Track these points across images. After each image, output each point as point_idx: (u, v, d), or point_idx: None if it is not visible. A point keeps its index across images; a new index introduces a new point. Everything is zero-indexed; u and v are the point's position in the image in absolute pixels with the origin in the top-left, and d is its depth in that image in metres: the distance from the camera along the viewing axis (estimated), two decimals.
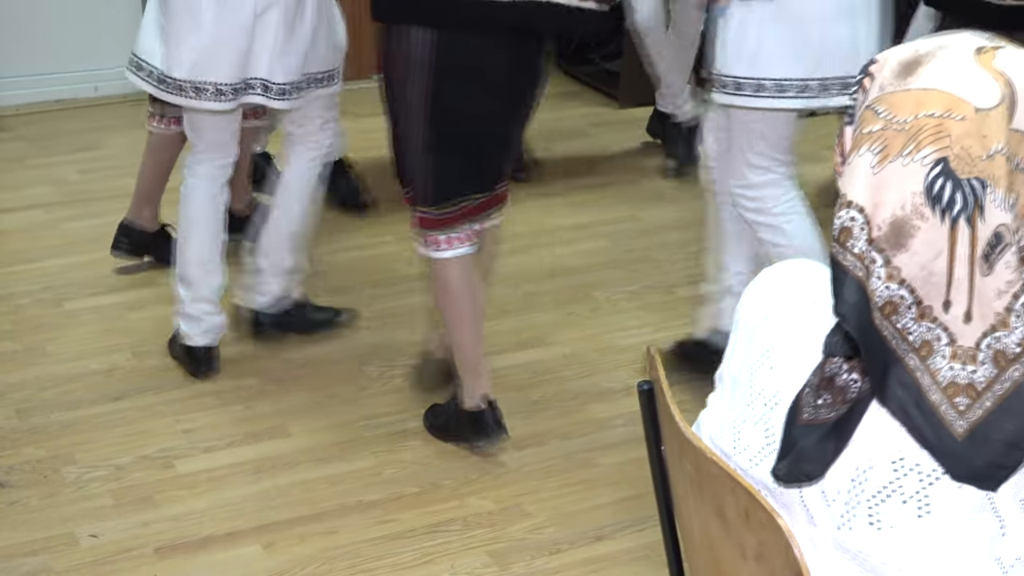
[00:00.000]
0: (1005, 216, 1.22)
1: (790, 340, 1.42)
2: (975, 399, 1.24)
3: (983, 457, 1.23)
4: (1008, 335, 1.23)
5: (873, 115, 1.28)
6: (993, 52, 1.26)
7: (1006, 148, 1.22)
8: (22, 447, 3.25)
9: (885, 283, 1.26)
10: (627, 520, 3.00)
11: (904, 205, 1.24)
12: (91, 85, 5.83)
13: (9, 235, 4.50)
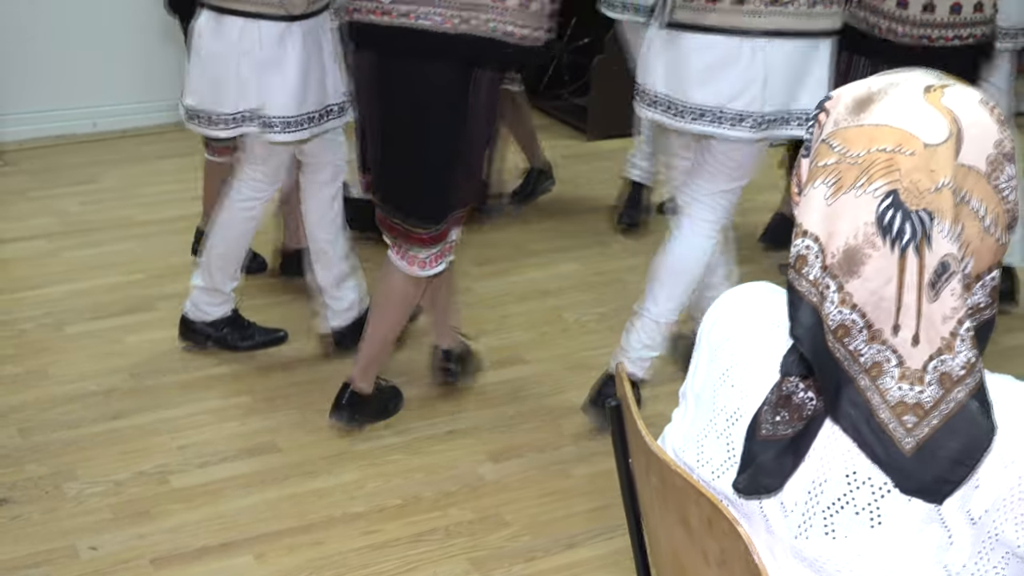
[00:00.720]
0: (951, 246, 1.23)
1: (750, 360, 1.42)
2: (922, 418, 1.24)
3: (929, 472, 1.23)
4: (953, 358, 1.23)
5: (828, 149, 1.28)
6: (941, 90, 1.27)
7: (952, 182, 1.23)
8: (25, 464, 3.23)
9: (838, 308, 1.26)
10: (598, 528, 3.00)
11: (856, 234, 1.24)
12: (90, 121, 5.82)
13: (13, 263, 4.48)
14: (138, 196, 5.09)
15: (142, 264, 4.42)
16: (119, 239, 4.66)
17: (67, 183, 5.24)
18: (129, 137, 5.80)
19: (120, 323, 4.02)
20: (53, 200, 5.05)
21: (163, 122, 5.92)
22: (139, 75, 5.85)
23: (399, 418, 3.48)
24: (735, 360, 1.44)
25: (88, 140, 5.76)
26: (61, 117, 5.76)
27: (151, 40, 5.81)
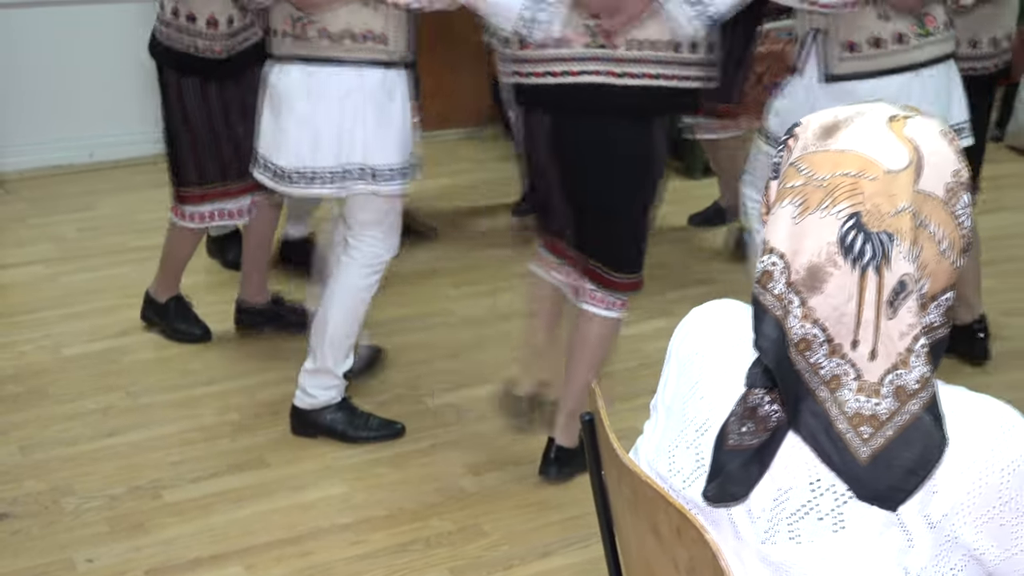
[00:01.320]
0: (909, 267, 1.24)
1: (718, 373, 1.42)
2: (878, 429, 1.24)
3: (884, 481, 1.24)
4: (908, 373, 1.24)
5: (796, 172, 1.29)
6: (904, 120, 1.28)
7: (912, 206, 1.24)
8: (24, 480, 3.21)
9: (801, 322, 1.27)
10: (573, 537, 2.99)
11: (820, 253, 1.25)
12: (87, 152, 5.80)
13: (12, 288, 4.47)
14: (133, 223, 5.07)
15: (137, 288, 4.38)
16: (115, 264, 4.64)
17: (65, 211, 5.22)
18: (124, 167, 5.78)
19: (116, 344, 4.00)
20: (51, 227, 5.04)
21: (157, 152, 5.85)
22: (134, 107, 5.83)
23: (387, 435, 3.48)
24: (704, 373, 1.44)
25: (85, 170, 5.75)
26: (59, 148, 5.74)
27: (146, 74, 5.79)
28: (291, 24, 3.13)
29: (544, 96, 2.99)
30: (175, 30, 3.68)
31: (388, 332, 4.01)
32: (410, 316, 4.19)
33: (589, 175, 3.03)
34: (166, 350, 3.93)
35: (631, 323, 4.14)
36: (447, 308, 4.34)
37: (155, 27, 3.78)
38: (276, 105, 3.21)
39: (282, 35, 3.17)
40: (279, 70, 3.20)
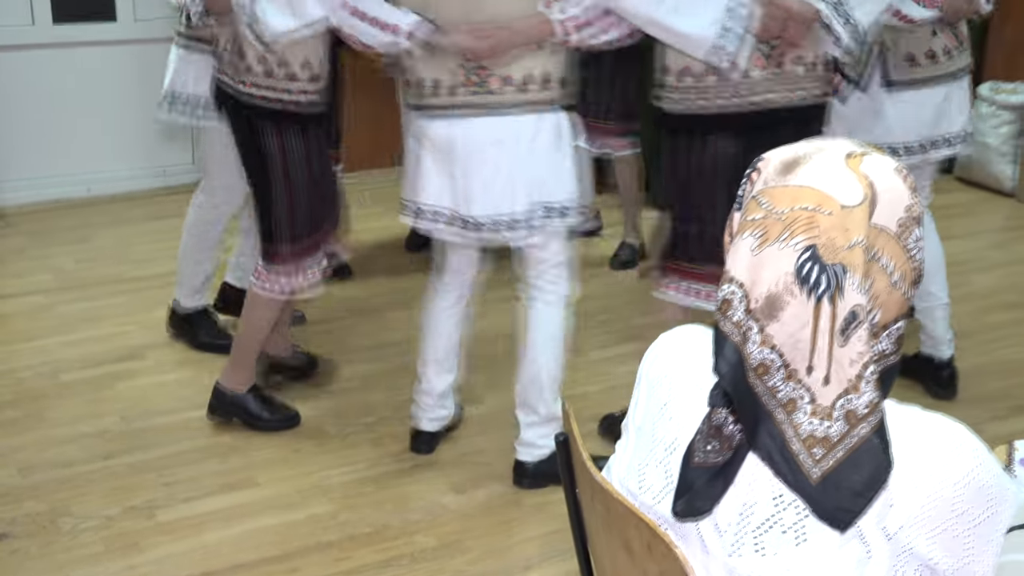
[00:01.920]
0: (861, 298, 1.25)
1: (685, 394, 1.42)
2: (829, 450, 1.25)
3: (833, 502, 1.25)
4: (858, 398, 1.25)
5: (757, 205, 1.30)
6: (861, 158, 1.29)
7: (865, 240, 1.25)
8: (23, 502, 3.18)
9: (759, 347, 1.27)
10: (550, 552, 2.98)
11: (778, 283, 1.26)
12: (84, 187, 5.80)
13: (12, 317, 4.44)
14: (128, 255, 5.06)
15: (132, 317, 4.40)
16: (110, 294, 4.63)
17: (63, 243, 5.21)
18: (120, 201, 5.78)
19: (111, 370, 3.98)
20: (49, 259, 5.02)
21: (152, 187, 5.92)
22: (130, 144, 5.85)
23: (369, 453, 3.46)
24: (672, 395, 1.44)
25: (82, 204, 5.74)
26: (57, 183, 5.74)
27: (141, 112, 5.80)
28: (464, 75, 3.01)
29: (733, 120, 3.04)
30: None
31: (374, 358, 4.01)
32: (395, 342, 4.18)
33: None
34: (159, 376, 3.91)
35: (603, 347, 4.18)
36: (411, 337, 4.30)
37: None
38: (455, 157, 3.06)
39: (449, 88, 3.04)
40: (449, 123, 3.06)
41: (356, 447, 3.51)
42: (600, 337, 4.28)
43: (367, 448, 3.50)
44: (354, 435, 3.58)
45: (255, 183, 3.40)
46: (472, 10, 2.95)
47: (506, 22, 2.94)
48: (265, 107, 3.24)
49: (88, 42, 5.68)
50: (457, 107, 3.04)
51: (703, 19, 2.88)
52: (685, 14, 2.88)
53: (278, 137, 3.28)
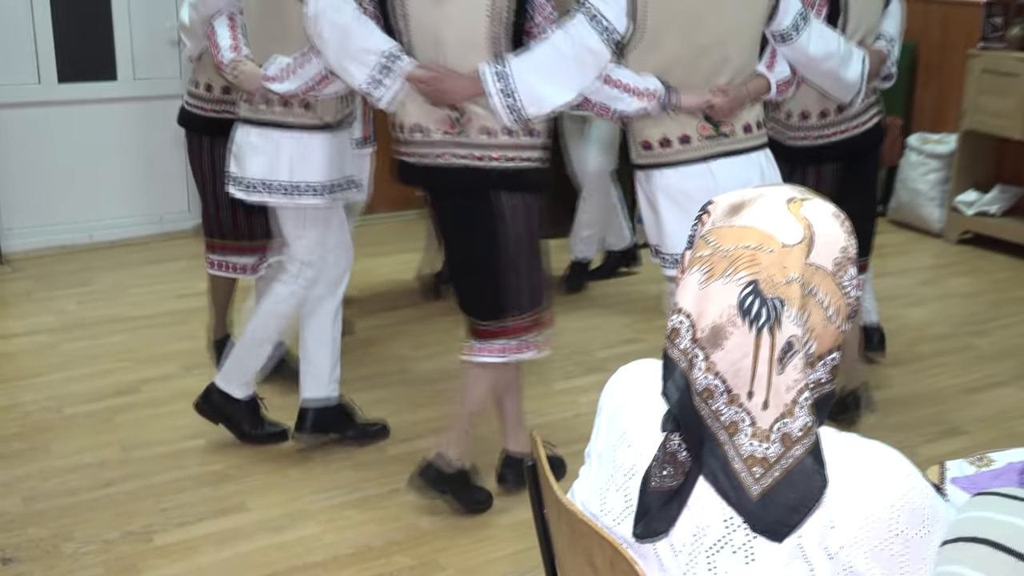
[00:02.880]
0: (797, 329, 1.25)
1: (642, 424, 1.42)
2: (767, 470, 1.26)
3: (771, 516, 1.25)
4: (794, 422, 1.25)
5: (704, 243, 1.31)
6: (801, 202, 1.31)
7: (802, 277, 1.26)
8: (28, 528, 3.14)
9: (704, 374, 1.28)
10: (520, 569, 2.97)
11: (722, 314, 1.26)
12: (86, 233, 5.78)
13: (18, 355, 4.40)
14: (127, 296, 5.04)
15: (130, 354, 4.37)
16: (111, 333, 4.60)
17: (66, 286, 5.18)
18: (120, 246, 5.76)
19: (111, 404, 3.95)
20: (53, 301, 4.99)
21: (149, 233, 5.91)
22: (128, 193, 5.84)
23: (351, 479, 3.44)
24: (630, 424, 1.44)
25: (84, 249, 5.71)
26: (61, 230, 5.72)
27: (139, 163, 5.81)
28: (708, 127, 2.99)
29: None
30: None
31: (355, 389, 3.98)
32: (373, 375, 4.17)
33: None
34: (156, 408, 3.88)
35: (568, 378, 4.19)
36: (406, 367, 4.32)
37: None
38: (682, 204, 2.98)
39: (689, 140, 3.00)
40: (686, 172, 3.00)
41: (339, 473, 3.49)
42: (566, 368, 4.29)
43: (349, 474, 3.48)
44: (337, 462, 3.55)
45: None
46: (715, 77, 2.96)
47: (740, 81, 3.02)
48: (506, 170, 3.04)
49: (90, 100, 5.67)
50: (697, 159, 3.00)
51: (855, 71, 3.30)
52: (847, 68, 3.27)
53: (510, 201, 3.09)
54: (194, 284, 4.01)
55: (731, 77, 2.98)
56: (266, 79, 3.19)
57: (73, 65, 5.62)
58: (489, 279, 3.04)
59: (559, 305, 4.89)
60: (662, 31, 2.88)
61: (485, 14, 2.83)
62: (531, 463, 1.62)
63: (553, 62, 2.85)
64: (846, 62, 3.25)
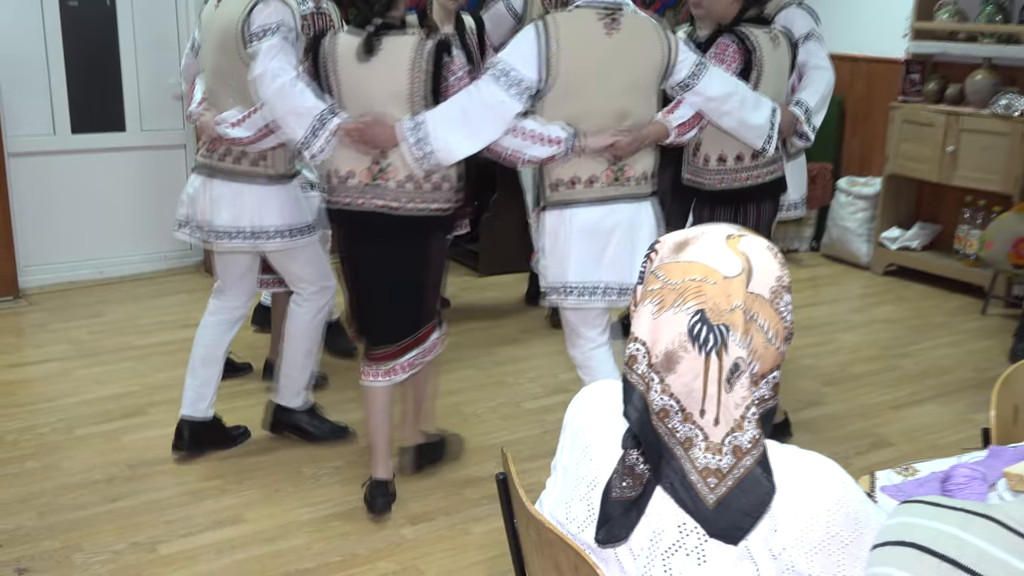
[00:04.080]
0: (742, 352, 1.26)
1: (603, 439, 1.42)
2: (721, 480, 1.26)
3: (726, 521, 1.25)
4: (743, 435, 1.26)
5: (655, 278, 1.31)
6: (738, 238, 1.31)
7: (743, 304, 1.26)
8: (41, 540, 3.09)
9: (660, 395, 1.28)
10: (493, 573, 2.95)
11: (674, 341, 1.27)
12: (97, 270, 5.73)
13: (34, 382, 4.34)
14: (135, 327, 4.99)
15: (138, 380, 4.32)
16: (119, 360, 4.55)
17: (78, 318, 5.12)
18: (128, 281, 5.71)
19: (120, 426, 3.90)
20: (67, 331, 4.93)
21: (155, 269, 5.87)
22: (136, 233, 5.81)
23: (338, 492, 3.40)
24: (592, 440, 1.44)
25: (95, 284, 5.66)
26: (73, 267, 5.67)
27: (145, 205, 5.78)
28: (611, 172, 3.01)
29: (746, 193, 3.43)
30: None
31: (345, 410, 3.97)
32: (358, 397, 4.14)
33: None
34: (161, 429, 3.83)
35: (535, 398, 4.18)
36: None
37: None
38: (589, 239, 3.03)
39: (594, 182, 3.01)
40: (592, 210, 3.01)
41: (327, 487, 3.45)
42: (533, 390, 4.28)
43: (336, 488, 3.44)
44: (325, 477, 3.52)
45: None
46: (617, 125, 2.98)
47: (639, 127, 3.02)
48: (424, 217, 3.07)
49: (101, 149, 5.65)
50: (608, 198, 3.02)
51: (763, 117, 3.23)
52: (755, 113, 3.21)
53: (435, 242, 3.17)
54: (196, 315, 3.98)
55: (632, 125, 3.01)
56: (219, 124, 3.26)
57: (85, 117, 5.60)
58: (408, 308, 3.15)
59: (531, 335, 4.91)
60: (573, 82, 2.92)
61: (406, 74, 2.89)
62: (502, 476, 1.61)
63: (463, 115, 2.89)
64: (751, 106, 3.18)
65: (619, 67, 2.95)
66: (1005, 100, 5.40)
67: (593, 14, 2.93)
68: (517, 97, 2.87)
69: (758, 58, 3.28)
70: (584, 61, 2.91)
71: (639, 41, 2.96)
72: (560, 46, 2.87)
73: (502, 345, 4.82)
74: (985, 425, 2.14)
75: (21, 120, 5.38)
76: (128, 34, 5.60)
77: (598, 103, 2.95)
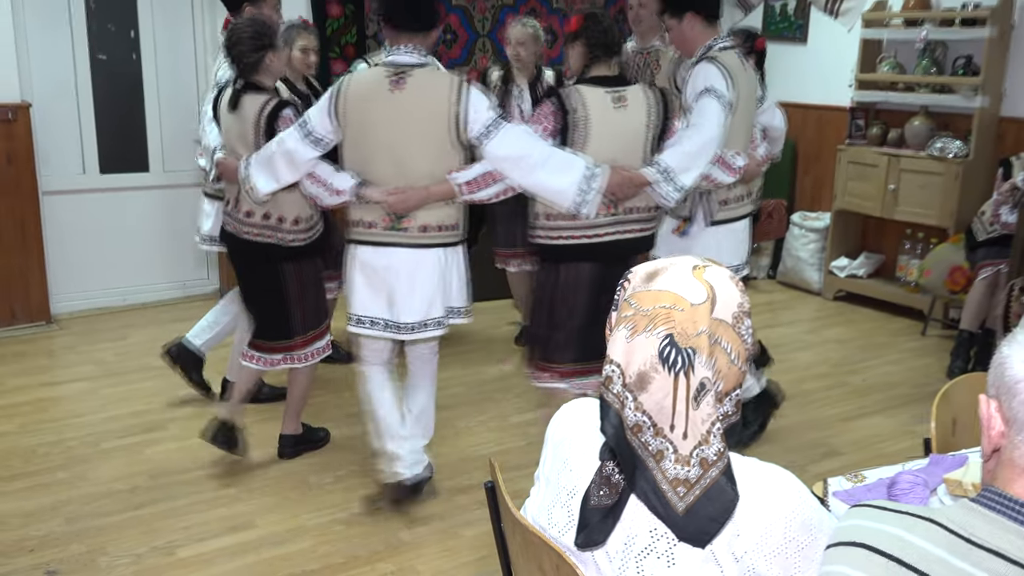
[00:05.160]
0: (707, 372, 1.26)
1: (582, 452, 1.41)
2: (689, 489, 1.25)
3: (694, 527, 1.25)
4: (709, 447, 1.25)
5: (628, 305, 1.31)
6: (703, 269, 1.32)
7: (708, 329, 1.26)
8: (69, 545, 3.05)
9: (634, 412, 1.27)
10: (482, 572, 2.93)
11: (646, 363, 1.26)
12: (121, 297, 5.69)
13: (63, 399, 4.30)
14: (156, 348, 4.91)
15: (159, 397, 4.29)
16: (142, 380, 4.51)
17: (104, 341, 5.09)
18: (150, 308, 5.68)
19: (142, 439, 3.86)
20: (94, 353, 4.89)
21: (174, 297, 5.83)
22: (157, 264, 5.78)
23: (341, 499, 3.37)
24: (572, 452, 1.43)
25: (120, 310, 5.62)
26: (100, 295, 5.63)
27: (166, 239, 5.75)
28: (388, 220, 3.02)
29: (590, 250, 3.07)
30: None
31: (345, 424, 3.95)
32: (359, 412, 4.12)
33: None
34: (179, 443, 3.81)
35: (520, 413, 4.16)
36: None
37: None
38: (368, 274, 3.09)
39: (374, 226, 3.06)
40: (370, 251, 3.07)
41: (331, 495, 3.43)
42: (519, 405, 4.27)
43: (339, 495, 3.42)
44: (329, 485, 3.50)
45: (253, 298, 3.50)
46: (399, 176, 2.97)
47: (423, 184, 2.97)
48: (260, 243, 3.34)
49: (127, 187, 5.63)
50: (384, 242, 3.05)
51: (568, 180, 2.93)
52: (556, 176, 2.93)
53: (269, 265, 3.37)
54: None
55: (415, 180, 2.95)
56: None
57: (113, 158, 5.59)
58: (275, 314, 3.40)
59: (516, 355, 4.90)
60: (357, 133, 2.99)
61: (251, 125, 3.21)
62: (489, 484, 1.60)
63: (268, 159, 3.10)
64: (553, 169, 2.91)
65: (399, 120, 2.92)
66: (940, 143, 5.46)
67: (383, 72, 2.96)
68: (311, 146, 3.01)
69: (579, 119, 2.97)
70: (366, 115, 2.95)
71: (422, 98, 2.91)
72: (347, 100, 2.95)
73: (490, 365, 4.81)
74: (926, 435, 2.14)
75: (54, 161, 5.37)
76: (152, 85, 5.60)
77: (380, 153, 2.96)
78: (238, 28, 3.26)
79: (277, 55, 3.29)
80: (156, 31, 5.54)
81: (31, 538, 3.10)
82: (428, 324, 3.10)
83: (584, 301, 3.10)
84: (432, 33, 3.01)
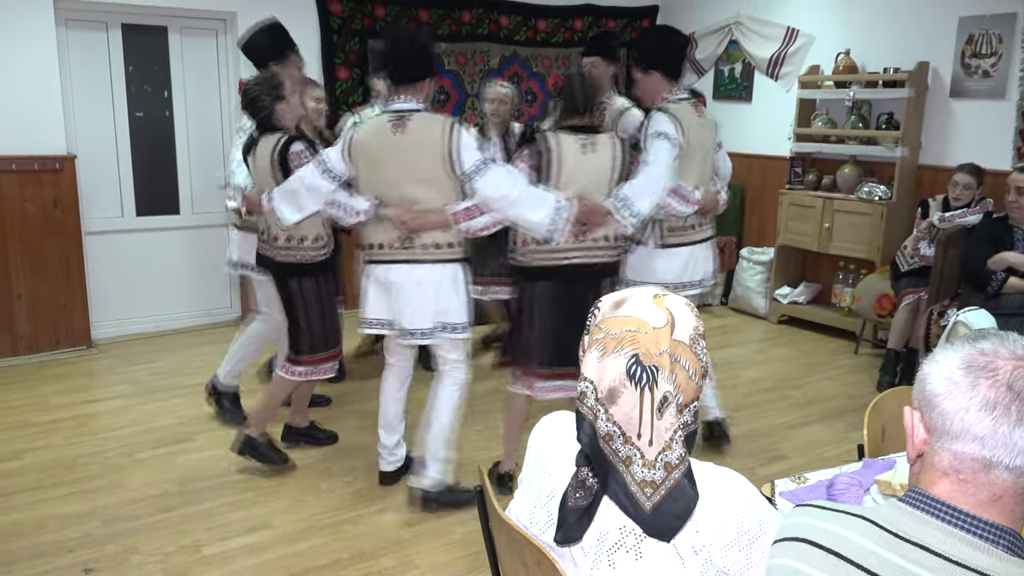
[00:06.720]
0: (669, 387, 1.26)
1: (559, 459, 1.41)
2: (655, 490, 1.25)
3: (661, 523, 1.24)
4: (672, 453, 1.25)
5: (598, 330, 1.31)
6: (663, 297, 1.32)
7: (669, 349, 1.26)
8: (105, 544, 3.01)
9: (605, 423, 1.27)
10: (473, 565, 2.90)
11: (615, 379, 1.26)
12: (154, 324, 5.65)
13: (102, 415, 4.25)
14: (185, 370, 4.91)
15: (187, 412, 4.25)
16: (172, 397, 4.47)
17: (139, 363, 5.04)
18: (180, 334, 5.63)
19: (172, 450, 3.82)
20: (129, 373, 4.85)
21: (201, 323, 5.79)
22: (186, 295, 5.74)
23: (350, 501, 3.34)
24: (551, 459, 1.42)
25: (153, 336, 5.57)
26: (135, 322, 5.59)
27: (195, 273, 5.72)
28: (398, 240, 3.08)
29: (557, 271, 3.12)
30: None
31: (352, 434, 3.91)
32: (366, 425, 4.09)
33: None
34: (204, 453, 3.77)
35: None
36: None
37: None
38: (383, 289, 3.14)
39: (384, 247, 3.11)
40: (384, 268, 3.12)
41: (340, 498, 3.39)
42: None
43: (348, 498, 3.38)
44: (339, 490, 3.46)
45: (289, 315, 3.49)
46: (403, 205, 3.05)
47: (426, 213, 3.04)
48: (289, 263, 3.40)
49: (160, 228, 5.61)
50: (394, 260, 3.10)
51: (542, 214, 3.02)
52: (532, 210, 3.01)
53: (298, 283, 3.42)
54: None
55: (422, 210, 3.03)
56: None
57: (147, 202, 5.57)
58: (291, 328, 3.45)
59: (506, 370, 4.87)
60: (366, 171, 3.07)
61: (267, 162, 3.29)
62: (478, 488, 1.59)
63: (291, 190, 3.20)
64: (528, 205, 2.99)
65: (401, 158, 3.01)
66: (867, 188, 5.52)
67: (386, 118, 3.03)
68: (330, 181, 3.12)
69: (553, 158, 3.05)
70: (373, 154, 3.03)
71: (420, 137, 2.97)
72: (356, 144, 3.06)
73: (482, 380, 4.79)
74: (860, 442, 2.14)
75: (96, 205, 5.35)
76: (183, 138, 5.60)
77: (385, 186, 3.05)
78: (251, 88, 3.33)
79: (288, 103, 3.35)
80: (187, 91, 5.55)
81: (70, 539, 3.05)
82: (427, 332, 3.13)
83: (550, 313, 3.16)
84: (426, 83, 3.06)
